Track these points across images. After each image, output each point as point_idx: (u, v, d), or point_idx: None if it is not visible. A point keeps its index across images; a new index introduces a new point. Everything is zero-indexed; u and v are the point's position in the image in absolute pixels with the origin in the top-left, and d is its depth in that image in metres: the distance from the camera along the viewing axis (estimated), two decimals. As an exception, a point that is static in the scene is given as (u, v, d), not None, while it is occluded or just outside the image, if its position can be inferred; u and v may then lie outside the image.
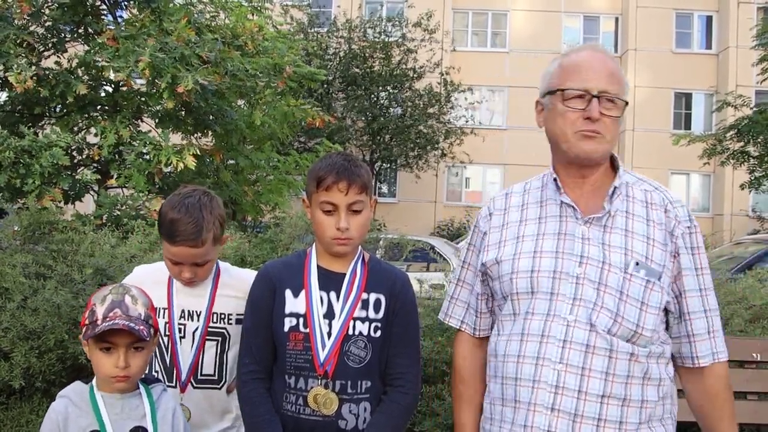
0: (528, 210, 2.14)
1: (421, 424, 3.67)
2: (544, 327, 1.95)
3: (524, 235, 2.09)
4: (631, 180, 2.09)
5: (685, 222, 2.01)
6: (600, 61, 2.03)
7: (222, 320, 2.50)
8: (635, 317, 1.91)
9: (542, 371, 1.93)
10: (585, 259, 1.96)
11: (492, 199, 2.26)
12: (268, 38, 8.61)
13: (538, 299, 1.99)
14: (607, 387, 1.89)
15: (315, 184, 2.17)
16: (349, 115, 20.78)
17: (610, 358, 1.89)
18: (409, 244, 5.84)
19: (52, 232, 4.26)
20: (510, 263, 2.06)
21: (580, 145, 1.99)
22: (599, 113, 1.96)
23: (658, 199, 2.04)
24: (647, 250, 1.96)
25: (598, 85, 1.98)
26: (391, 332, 2.21)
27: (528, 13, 26.60)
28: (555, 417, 1.89)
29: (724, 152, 18.38)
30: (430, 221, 25.18)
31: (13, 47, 6.53)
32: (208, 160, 7.93)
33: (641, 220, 2.00)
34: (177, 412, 2.14)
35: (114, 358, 2.01)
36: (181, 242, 2.38)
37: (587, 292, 1.94)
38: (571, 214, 2.04)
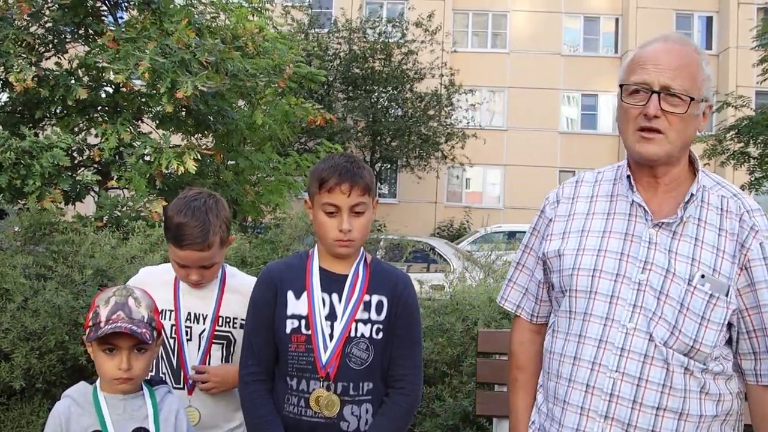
0: (597, 203, 2.05)
1: (421, 425, 3.67)
2: (602, 332, 1.90)
3: (590, 229, 2.01)
4: (708, 184, 1.97)
5: (765, 231, 1.88)
6: (668, 54, 1.89)
7: (227, 324, 2.51)
8: (693, 332, 1.84)
9: (598, 377, 1.89)
10: (649, 264, 1.89)
11: (561, 185, 2.19)
12: (268, 39, 8.61)
13: (597, 300, 1.93)
14: (663, 399, 1.84)
15: (317, 186, 2.16)
16: (349, 115, 20.78)
17: (667, 370, 1.84)
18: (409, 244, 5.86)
19: (53, 233, 4.26)
20: (572, 258, 2.00)
21: (637, 147, 1.90)
22: (659, 110, 1.84)
23: (735, 207, 1.92)
24: (716, 262, 1.86)
25: (660, 79, 1.85)
26: (393, 334, 2.21)
27: (528, 14, 26.61)
28: (608, 425, 1.87)
29: (725, 153, 18.37)
30: (431, 222, 25.19)
31: (13, 47, 6.53)
32: (209, 160, 7.92)
33: (713, 229, 1.90)
34: (180, 414, 2.14)
35: (117, 360, 2.01)
36: (187, 246, 2.38)
37: (648, 299, 1.87)
38: (641, 215, 1.95)
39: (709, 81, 1.92)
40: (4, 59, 6.47)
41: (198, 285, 2.49)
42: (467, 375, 3.74)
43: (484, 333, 3.08)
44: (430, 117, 21.34)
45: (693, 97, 1.86)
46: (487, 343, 3.04)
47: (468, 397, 3.62)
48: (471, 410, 3.53)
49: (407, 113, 21.29)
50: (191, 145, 7.29)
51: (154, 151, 6.72)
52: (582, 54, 26.83)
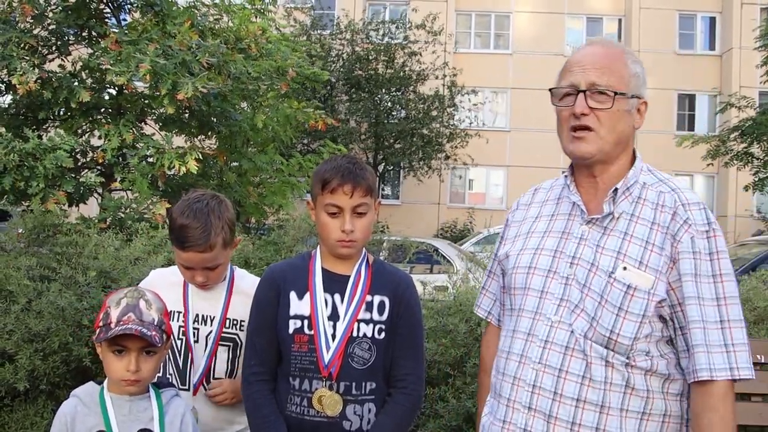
0: (546, 206, 2.13)
1: (425, 426, 3.67)
2: (531, 326, 1.96)
3: (534, 230, 2.09)
4: (650, 181, 1.99)
5: (699, 225, 1.86)
6: (593, 55, 1.97)
7: (234, 326, 2.52)
8: (610, 323, 1.84)
9: (523, 369, 1.94)
10: (576, 259, 1.94)
11: (524, 193, 2.28)
12: (271, 41, 8.62)
13: (529, 296, 1.99)
14: (583, 391, 1.85)
15: (320, 187, 2.18)
16: (352, 117, 20.80)
17: (586, 362, 1.86)
18: (412, 246, 5.84)
19: (57, 235, 4.27)
20: (515, 258, 2.07)
21: (571, 147, 1.97)
22: (587, 108, 1.91)
23: (670, 201, 1.92)
24: (643, 255, 1.87)
25: (586, 78, 1.92)
26: (395, 334, 2.22)
27: (531, 15, 26.61)
28: (531, 416, 1.90)
29: (728, 153, 18.35)
30: (434, 223, 25.19)
31: (16, 50, 6.55)
32: (212, 162, 7.93)
33: (645, 224, 1.91)
34: (186, 418, 2.15)
35: (125, 361, 2.03)
36: (190, 248, 2.40)
37: (573, 293, 1.91)
38: (578, 214, 2.01)
39: (638, 78, 1.97)
40: (8, 62, 6.49)
41: (204, 286, 2.50)
42: (471, 376, 3.73)
43: (487, 334, 3.07)
44: (432, 118, 21.33)
45: (618, 92, 1.91)
46: (490, 344, 3.03)
47: (471, 398, 3.62)
48: (474, 411, 3.52)
49: (410, 115, 21.29)
50: (193, 146, 7.31)
51: (157, 152, 6.73)
52: (585, 55, 26.78)
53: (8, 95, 7.77)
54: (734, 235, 19.26)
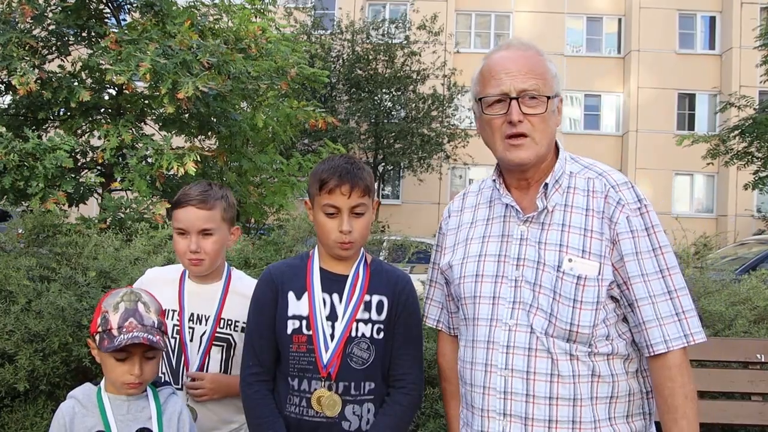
0: (479, 210, 2.14)
1: (425, 426, 3.66)
2: (489, 333, 1.96)
3: (473, 237, 2.09)
4: (576, 169, 2.01)
5: (631, 204, 1.90)
6: (514, 60, 1.95)
7: (229, 326, 2.52)
8: (568, 316, 1.86)
9: (491, 378, 1.94)
10: (522, 260, 1.95)
11: (452, 200, 2.26)
12: (271, 41, 8.62)
13: (481, 304, 1.99)
14: (553, 389, 1.87)
15: (318, 187, 2.17)
16: (352, 117, 20.79)
17: (551, 359, 1.87)
18: (412, 245, 5.84)
19: (56, 235, 4.27)
20: (459, 267, 2.07)
21: (508, 156, 1.95)
22: (521, 114, 1.90)
23: (600, 185, 1.94)
24: (584, 243, 1.89)
25: (515, 85, 1.91)
26: (394, 333, 2.22)
27: (531, 15, 26.60)
28: (508, 422, 1.91)
29: (728, 153, 18.35)
30: (434, 223, 25.13)
31: (16, 50, 6.55)
32: (212, 162, 7.93)
33: (580, 212, 1.93)
34: (183, 416, 2.16)
35: (128, 366, 2.03)
36: (187, 203, 2.47)
37: (524, 294, 1.92)
38: (513, 215, 2.01)
39: (556, 78, 1.99)
40: (8, 62, 6.49)
41: (197, 263, 2.49)
42: (470, 375, 3.73)
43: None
44: (432, 118, 21.33)
45: (548, 95, 1.93)
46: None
47: (471, 398, 3.61)
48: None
49: (410, 115, 21.28)
50: (192, 147, 7.31)
51: (155, 153, 6.73)
52: (585, 54, 26.81)
53: (8, 95, 7.76)
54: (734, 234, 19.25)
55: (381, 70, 21.11)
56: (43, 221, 4.32)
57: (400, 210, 24.59)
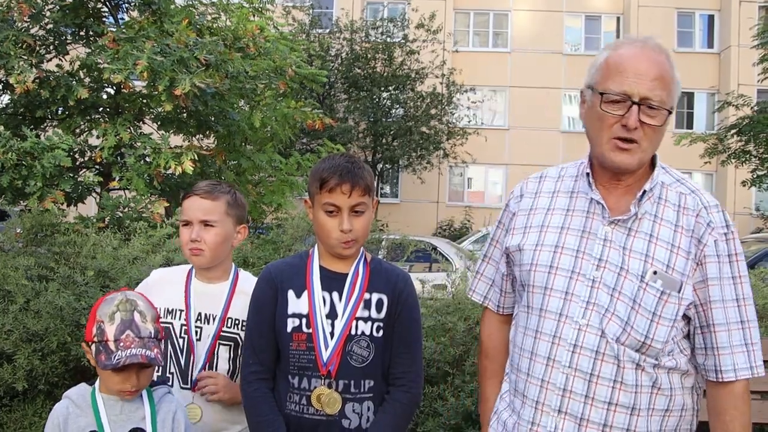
0: (558, 198, 2.07)
1: (423, 425, 3.66)
2: (557, 328, 1.93)
3: (549, 225, 2.03)
4: (668, 180, 1.98)
5: (720, 228, 1.89)
6: (648, 62, 1.87)
7: (236, 326, 2.52)
8: (645, 328, 1.85)
9: (552, 373, 1.92)
10: (603, 262, 1.91)
11: (526, 180, 2.21)
12: (269, 40, 8.61)
13: (552, 297, 1.95)
14: (615, 394, 1.86)
15: (318, 186, 2.17)
16: (351, 116, 20.79)
17: (618, 366, 1.86)
18: (411, 244, 5.83)
19: (55, 235, 4.26)
20: (531, 253, 2.02)
21: (612, 157, 1.90)
22: (638, 122, 1.85)
23: (692, 203, 1.92)
24: (669, 259, 1.87)
25: (641, 90, 1.85)
26: (394, 331, 2.22)
27: (529, 13, 26.60)
28: (562, 419, 1.90)
29: (726, 152, 18.37)
30: (433, 221, 25.20)
31: (14, 49, 6.53)
32: (210, 161, 7.92)
33: (669, 226, 1.90)
34: (177, 415, 2.15)
35: (124, 376, 2.03)
36: (193, 193, 2.52)
37: (601, 296, 1.89)
38: (598, 212, 1.97)
39: (678, 86, 1.94)
40: (5, 61, 6.47)
41: (197, 253, 2.49)
42: (470, 374, 3.73)
43: (486, 332, 3.06)
44: (431, 116, 21.33)
45: (669, 109, 1.88)
46: (489, 342, 3.02)
47: (470, 397, 3.62)
48: (473, 409, 3.52)
49: (408, 113, 21.29)
50: (190, 146, 7.30)
51: (153, 152, 6.72)
52: (583, 53, 26.79)
53: (6, 95, 7.75)
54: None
55: (380, 69, 21.10)
56: (41, 220, 4.31)
57: (398, 209, 24.60)
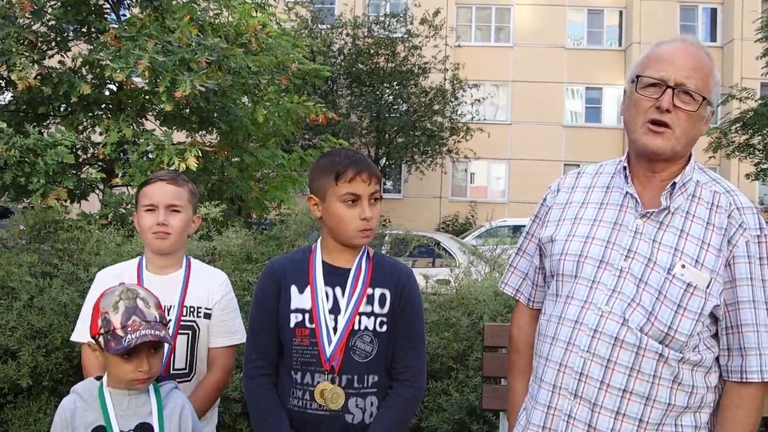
0: (593, 193, 2.12)
1: (427, 420, 3.67)
2: (579, 313, 1.96)
3: (582, 217, 2.07)
4: (703, 179, 2.01)
5: (752, 230, 1.91)
6: (685, 53, 1.94)
7: (192, 313, 2.53)
8: (669, 319, 1.87)
9: (570, 356, 1.95)
10: (632, 253, 1.94)
11: (564, 176, 2.25)
12: (272, 36, 8.60)
13: (579, 284, 1.99)
14: (630, 382, 1.88)
15: (333, 178, 2.17)
16: (354, 111, 20.77)
17: (637, 354, 1.87)
18: (414, 239, 5.84)
19: (58, 231, 4.28)
20: (562, 244, 2.06)
21: (645, 139, 1.93)
22: (671, 104, 1.89)
23: (725, 202, 1.95)
24: (699, 254, 1.89)
25: (677, 76, 1.90)
26: (397, 327, 2.22)
27: (532, 8, 26.53)
28: (577, 403, 1.92)
29: (730, 145, 18.32)
30: (436, 217, 25.18)
31: (15, 45, 6.53)
32: (213, 157, 7.92)
33: (701, 223, 1.93)
34: (185, 410, 2.15)
35: (135, 363, 2.03)
36: (157, 179, 2.54)
37: (627, 286, 1.92)
38: (632, 206, 2.00)
39: (717, 87, 1.98)
40: (7, 57, 6.47)
41: (164, 236, 2.50)
42: (473, 369, 3.74)
43: (490, 327, 3.07)
44: (435, 112, 21.31)
45: (705, 97, 1.91)
46: (493, 337, 3.03)
47: (474, 392, 3.62)
48: (477, 404, 3.53)
49: (412, 108, 21.27)
50: (194, 142, 7.29)
51: (156, 148, 6.72)
52: (586, 47, 26.74)
53: (9, 92, 7.75)
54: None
55: (382, 65, 21.07)
56: (44, 217, 4.32)
57: (401, 204, 24.58)
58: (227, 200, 7.59)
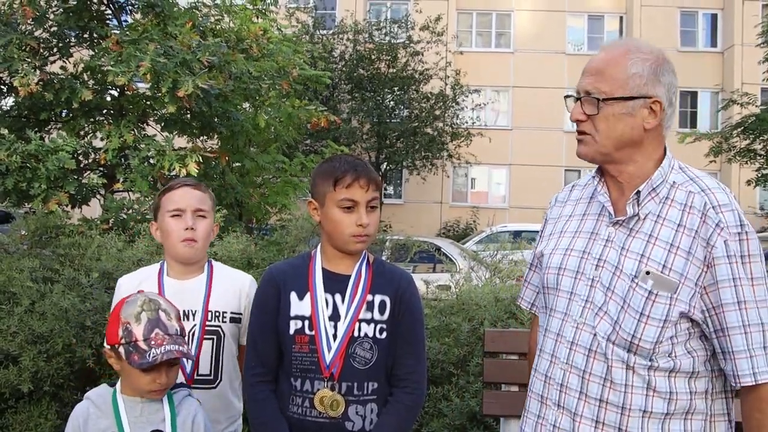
0: (579, 205, 2.14)
1: (428, 425, 3.67)
2: (560, 326, 2.00)
3: (566, 230, 2.11)
4: (679, 180, 1.96)
5: (732, 228, 1.83)
6: (593, 60, 2.00)
7: (217, 318, 2.51)
8: (632, 328, 1.86)
9: (553, 369, 1.99)
10: (602, 262, 1.95)
11: (563, 189, 2.29)
12: (273, 41, 8.61)
13: (559, 297, 2.02)
14: (605, 392, 1.89)
15: (331, 183, 2.17)
16: (355, 117, 20.80)
17: (606, 364, 1.89)
18: (415, 245, 5.84)
19: (59, 237, 4.28)
20: (548, 258, 2.09)
21: (577, 149, 2.03)
22: (581, 113, 1.97)
23: (699, 202, 1.88)
24: (667, 258, 1.85)
25: (581, 85, 1.98)
26: (397, 333, 2.22)
27: (532, 13, 26.58)
28: (560, 413, 1.95)
29: (731, 150, 18.33)
30: (436, 222, 25.18)
31: (17, 52, 6.55)
32: (214, 162, 7.93)
33: (671, 226, 1.89)
34: (198, 418, 2.15)
35: (153, 375, 2.04)
36: (182, 184, 2.55)
37: (597, 295, 1.93)
38: (606, 215, 2.01)
39: (640, 77, 1.93)
40: (9, 64, 6.49)
41: (192, 243, 2.49)
42: (474, 375, 3.74)
43: (490, 333, 3.07)
44: (436, 117, 21.34)
45: (604, 98, 1.92)
46: (494, 343, 3.03)
47: (475, 397, 3.62)
48: (478, 410, 3.52)
49: (413, 114, 21.29)
50: (195, 148, 7.30)
51: (157, 154, 6.73)
52: (586, 53, 26.70)
53: (10, 97, 7.77)
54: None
55: (384, 70, 21.11)
56: (45, 223, 4.33)
57: (402, 209, 24.59)
58: (228, 206, 7.60)
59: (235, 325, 2.54)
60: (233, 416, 2.56)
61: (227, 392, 2.53)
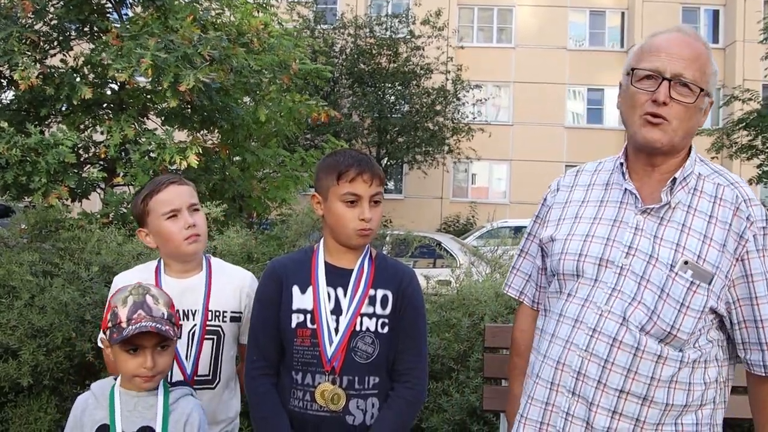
0: (593, 191, 2.09)
1: (428, 420, 3.67)
2: (579, 312, 1.94)
3: (582, 216, 2.05)
4: (705, 172, 1.97)
5: (760, 222, 1.87)
6: (681, 43, 1.90)
7: (217, 318, 2.47)
8: (672, 318, 1.84)
9: (568, 355, 1.93)
10: (633, 250, 1.91)
11: (564, 174, 2.23)
12: (274, 36, 8.59)
13: (581, 284, 1.97)
14: (627, 383, 1.86)
15: (335, 177, 2.17)
16: (356, 111, 20.78)
17: (634, 355, 1.85)
18: (415, 240, 5.84)
19: (59, 230, 4.27)
20: (562, 243, 2.04)
21: (642, 132, 1.90)
22: (668, 97, 1.85)
23: (731, 195, 1.90)
24: (701, 249, 1.85)
25: (673, 67, 1.86)
26: (399, 328, 2.21)
27: (533, 9, 26.54)
28: (575, 401, 1.91)
29: (732, 146, 18.31)
30: (437, 217, 25.18)
31: (17, 45, 6.53)
32: (215, 156, 7.92)
33: (703, 217, 1.89)
34: (192, 419, 2.12)
35: (140, 358, 2.02)
36: (168, 183, 2.44)
37: (628, 284, 1.89)
38: (631, 202, 1.97)
39: (715, 77, 1.93)
40: (9, 57, 6.47)
41: (196, 239, 2.44)
42: (474, 370, 3.73)
43: (490, 328, 3.07)
44: (436, 112, 21.32)
45: (702, 88, 1.87)
46: (494, 338, 3.03)
47: (475, 393, 3.62)
48: (478, 405, 3.52)
49: (414, 109, 21.27)
50: (194, 140, 7.29)
51: (158, 147, 6.72)
52: (588, 48, 26.74)
53: (10, 91, 7.75)
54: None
55: (384, 65, 21.08)
56: (45, 216, 4.32)
57: (403, 204, 24.58)
58: (228, 200, 7.59)
59: (235, 324, 2.51)
60: (231, 417, 2.54)
61: (225, 393, 2.51)
